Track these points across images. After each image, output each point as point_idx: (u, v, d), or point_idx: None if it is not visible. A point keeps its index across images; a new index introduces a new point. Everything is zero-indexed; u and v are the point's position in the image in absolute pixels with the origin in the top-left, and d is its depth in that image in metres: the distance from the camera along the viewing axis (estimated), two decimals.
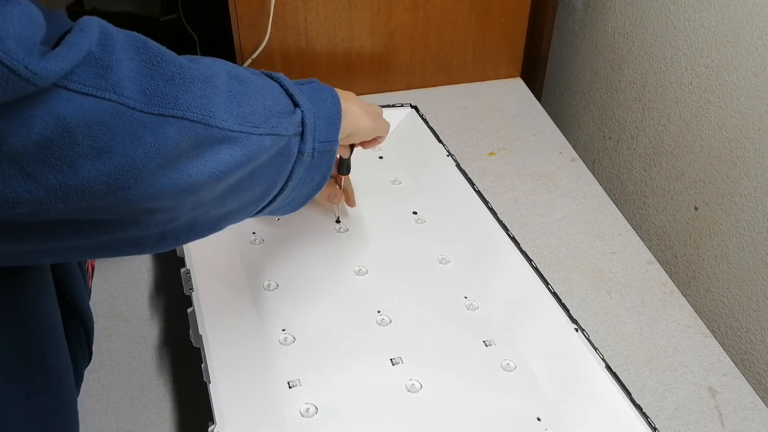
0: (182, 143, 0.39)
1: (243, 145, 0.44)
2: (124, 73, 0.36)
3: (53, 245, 0.39)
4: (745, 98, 0.81)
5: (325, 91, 0.55)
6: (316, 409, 0.59)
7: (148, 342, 0.72)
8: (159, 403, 0.66)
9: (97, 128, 0.35)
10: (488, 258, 0.75)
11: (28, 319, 0.47)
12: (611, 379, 0.60)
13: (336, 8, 1.02)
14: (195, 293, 0.66)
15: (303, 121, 0.49)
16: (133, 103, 0.36)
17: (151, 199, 0.39)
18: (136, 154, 0.37)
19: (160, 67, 0.39)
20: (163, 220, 0.42)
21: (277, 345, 0.64)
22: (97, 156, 0.35)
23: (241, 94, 0.45)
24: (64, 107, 0.33)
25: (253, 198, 0.49)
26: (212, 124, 0.41)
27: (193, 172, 0.41)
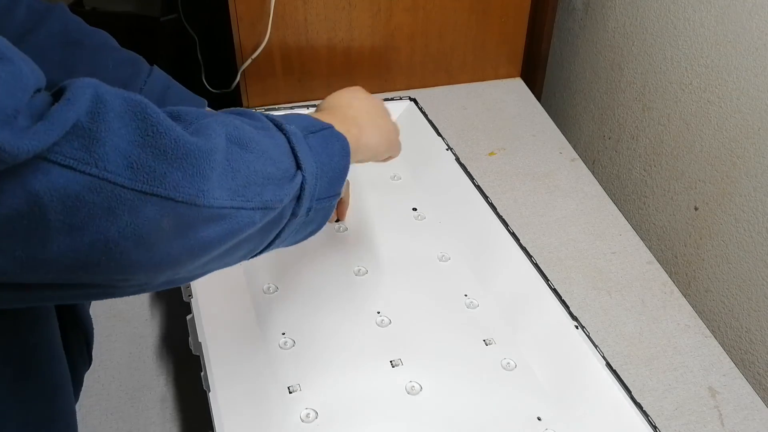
0: (163, 223, 0.37)
1: (230, 221, 0.41)
2: (112, 144, 0.34)
3: (28, 297, 0.38)
4: (745, 98, 0.81)
5: (335, 143, 0.51)
6: (316, 414, 0.59)
7: (148, 342, 0.72)
8: (159, 403, 0.66)
9: (72, 204, 0.33)
10: (488, 254, 0.74)
11: (25, 329, 0.47)
12: (612, 377, 0.60)
13: (336, 8, 1.02)
14: (194, 299, 0.66)
15: (302, 185, 0.47)
16: (115, 178, 0.34)
17: (121, 273, 0.37)
18: (109, 232, 0.35)
19: (154, 139, 0.36)
20: (137, 285, 0.40)
21: (277, 349, 0.64)
22: (68, 232, 0.33)
23: (239, 163, 0.42)
24: (38, 181, 0.32)
25: (236, 260, 0.47)
26: (199, 203, 0.39)
27: (170, 251, 0.38)
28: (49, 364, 0.50)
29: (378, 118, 0.61)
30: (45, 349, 0.49)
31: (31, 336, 0.47)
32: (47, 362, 0.49)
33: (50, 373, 0.50)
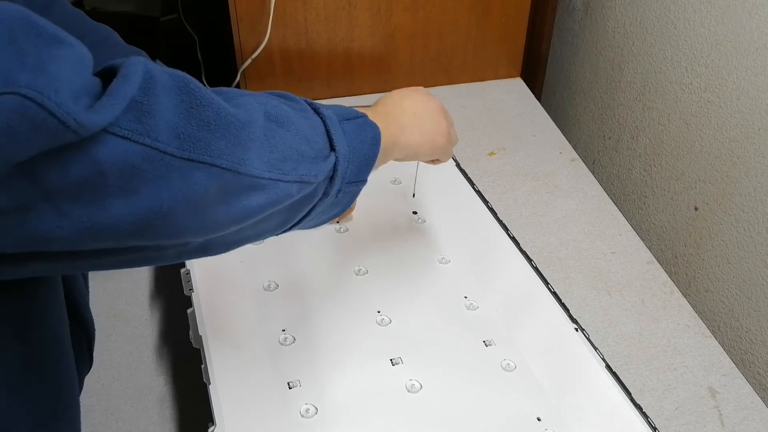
0: (210, 189, 0.40)
1: (269, 191, 0.44)
2: (161, 116, 0.37)
3: (78, 265, 0.40)
4: (745, 98, 0.81)
5: (368, 132, 0.53)
6: (316, 410, 0.59)
7: (148, 342, 0.72)
8: (159, 403, 0.66)
9: (128, 171, 0.36)
10: (488, 258, 0.75)
11: (37, 328, 0.48)
12: (611, 378, 0.60)
13: (336, 8, 1.02)
14: (195, 294, 0.66)
15: (335, 166, 0.49)
16: (165, 147, 0.37)
17: (174, 237, 0.40)
18: (162, 197, 0.37)
19: (198, 111, 0.39)
20: (180, 249, 0.43)
21: (278, 345, 0.64)
22: (125, 196, 0.36)
23: (276, 138, 0.44)
24: (100, 151, 0.34)
25: (268, 229, 0.49)
26: (242, 171, 0.41)
27: (217, 216, 0.41)
28: (58, 362, 0.50)
29: (426, 119, 0.62)
30: (54, 348, 0.50)
31: (42, 334, 0.48)
32: (56, 361, 0.50)
33: (58, 372, 0.50)
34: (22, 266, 0.38)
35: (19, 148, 0.32)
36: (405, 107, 0.61)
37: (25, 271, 0.39)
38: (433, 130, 0.62)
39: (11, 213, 0.34)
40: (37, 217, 0.34)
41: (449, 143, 0.65)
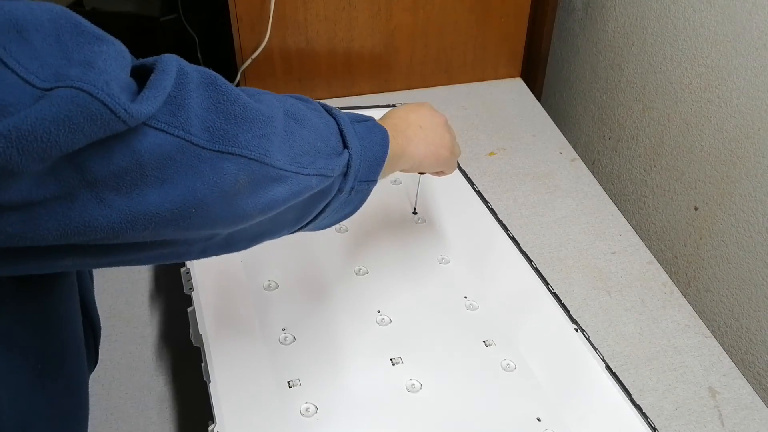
0: (239, 179, 0.42)
1: (292, 183, 0.46)
2: (192, 110, 0.39)
3: (113, 259, 0.41)
4: (745, 98, 0.81)
5: (377, 133, 0.56)
6: (316, 409, 0.59)
7: (148, 342, 0.72)
8: (159, 403, 0.66)
9: (166, 161, 0.38)
10: (488, 258, 0.75)
11: (55, 328, 0.49)
12: (611, 379, 0.60)
13: (336, 8, 1.02)
14: (195, 293, 0.66)
15: (349, 163, 0.51)
16: (196, 140, 0.39)
17: (207, 227, 0.42)
18: (195, 186, 0.39)
19: (225, 105, 0.41)
20: (207, 239, 0.45)
21: (277, 344, 0.64)
22: (161, 186, 0.38)
23: (295, 134, 0.47)
24: (139, 142, 0.36)
25: (286, 223, 0.51)
26: (267, 162, 0.44)
27: (245, 205, 0.43)
28: (73, 360, 0.51)
29: (431, 133, 0.64)
30: (69, 346, 0.51)
31: (59, 333, 0.49)
32: (71, 359, 0.51)
33: (72, 370, 0.51)
34: (60, 260, 0.39)
35: (74, 138, 0.33)
36: (411, 121, 0.63)
37: (61, 265, 0.40)
38: (437, 143, 0.64)
39: (57, 202, 0.35)
40: (81, 207, 0.36)
41: (453, 156, 0.67)
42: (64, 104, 0.32)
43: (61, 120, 0.32)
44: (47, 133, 0.32)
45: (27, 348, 0.47)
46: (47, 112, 0.32)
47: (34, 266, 0.39)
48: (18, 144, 0.31)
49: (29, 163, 0.32)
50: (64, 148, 0.33)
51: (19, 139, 0.31)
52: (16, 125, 0.31)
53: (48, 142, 0.32)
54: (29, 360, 0.47)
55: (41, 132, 0.32)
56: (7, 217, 0.34)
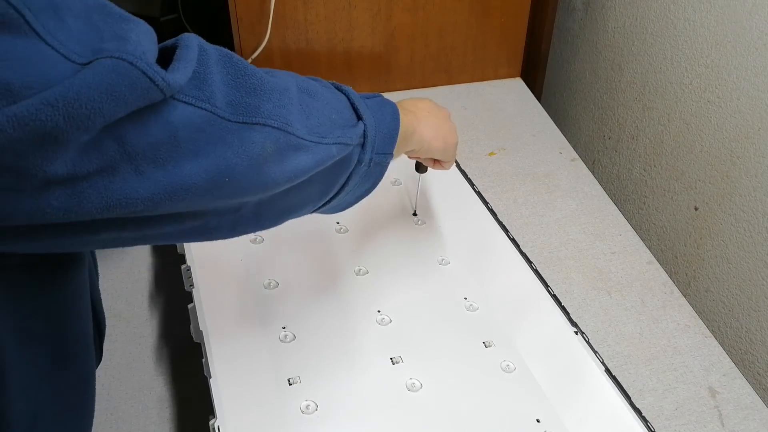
0: (266, 147, 0.44)
1: (313, 152, 0.47)
2: (215, 85, 0.41)
3: (149, 232, 0.42)
4: (745, 98, 0.81)
5: (387, 107, 0.58)
6: (316, 406, 0.59)
7: (148, 342, 0.72)
8: (159, 403, 0.66)
9: (197, 133, 0.39)
10: (488, 259, 0.75)
11: (67, 322, 0.50)
12: (610, 382, 0.60)
13: (336, 8, 1.02)
14: (196, 290, 0.66)
15: (365, 133, 0.53)
16: (222, 113, 0.41)
17: (239, 195, 0.43)
18: (227, 155, 0.41)
19: (244, 79, 0.43)
20: (236, 208, 0.46)
21: (278, 342, 0.64)
22: (195, 157, 0.40)
23: (311, 107, 0.49)
24: (172, 115, 0.38)
25: (313, 195, 0.52)
26: (289, 131, 0.45)
27: (273, 173, 0.45)
28: (82, 354, 0.52)
29: (437, 119, 0.66)
30: (80, 341, 0.51)
31: (71, 327, 0.50)
32: (80, 353, 0.52)
33: (80, 364, 0.52)
34: (97, 234, 0.40)
35: (116, 106, 0.34)
36: (419, 105, 0.65)
37: (97, 240, 0.41)
38: (444, 128, 0.66)
39: (99, 176, 0.36)
40: (122, 180, 0.37)
41: (454, 144, 0.68)
42: (106, 73, 0.34)
43: (103, 88, 0.33)
44: (91, 101, 0.33)
45: (40, 340, 0.48)
46: (91, 81, 0.33)
47: (72, 241, 0.40)
48: (64, 112, 0.32)
49: (74, 132, 0.33)
50: (106, 117, 0.34)
51: (66, 107, 0.32)
52: (62, 94, 0.32)
53: (92, 109, 0.33)
54: (41, 352, 0.48)
55: (86, 100, 0.33)
56: (53, 192, 0.35)
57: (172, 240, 0.46)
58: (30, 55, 0.32)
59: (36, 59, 0.32)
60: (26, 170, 0.33)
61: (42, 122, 0.32)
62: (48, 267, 0.47)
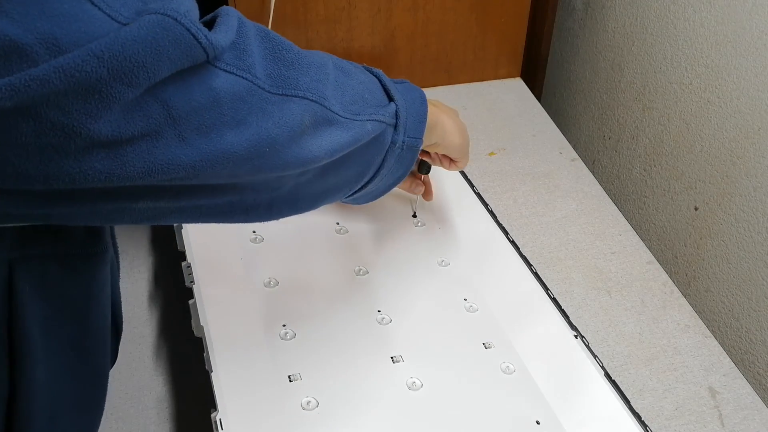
0: (305, 119, 0.44)
1: (349, 128, 0.48)
2: (255, 57, 0.41)
3: (184, 204, 0.43)
4: (745, 98, 0.81)
5: (416, 92, 0.58)
6: (317, 403, 0.59)
7: (148, 341, 0.72)
8: (159, 402, 0.66)
9: (239, 102, 0.40)
10: (488, 261, 0.75)
11: (91, 313, 0.50)
12: (609, 386, 0.60)
13: (336, 8, 1.02)
14: (196, 286, 0.66)
15: (397, 113, 0.54)
16: (262, 84, 0.41)
17: (279, 168, 0.43)
18: (267, 125, 0.41)
19: (282, 53, 0.44)
20: (274, 186, 0.46)
21: (278, 340, 0.64)
22: (236, 126, 0.40)
23: (345, 84, 0.49)
24: (215, 81, 0.38)
25: (350, 178, 0.53)
26: (326, 106, 0.46)
27: (311, 147, 0.45)
28: (100, 349, 0.52)
29: (457, 118, 0.67)
30: (100, 335, 0.52)
31: (94, 319, 0.50)
32: (99, 348, 0.52)
33: (98, 359, 0.52)
34: (136, 202, 0.40)
35: (160, 64, 0.35)
36: (439, 105, 0.66)
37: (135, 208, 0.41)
38: (460, 124, 0.67)
39: (143, 140, 0.36)
40: (164, 145, 0.37)
41: (468, 145, 0.69)
42: (150, 27, 0.34)
43: (148, 42, 0.34)
44: (135, 54, 0.33)
45: (63, 333, 0.48)
46: (136, 34, 0.33)
47: (111, 208, 0.40)
48: (109, 64, 0.32)
49: (118, 87, 0.33)
50: (150, 73, 0.34)
51: (111, 60, 0.32)
52: (108, 46, 0.32)
53: (136, 63, 0.33)
54: (63, 345, 0.48)
55: (130, 53, 0.33)
56: (97, 154, 0.35)
57: (208, 217, 0.46)
58: (76, 12, 0.32)
59: (82, 17, 0.32)
60: (71, 128, 0.33)
61: (87, 74, 0.32)
62: (78, 258, 0.47)
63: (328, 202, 0.54)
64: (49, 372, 0.47)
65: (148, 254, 0.82)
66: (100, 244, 0.49)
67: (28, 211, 0.37)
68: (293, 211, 0.50)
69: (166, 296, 0.77)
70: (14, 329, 0.45)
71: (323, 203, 0.53)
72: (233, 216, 0.46)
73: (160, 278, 0.79)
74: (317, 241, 0.76)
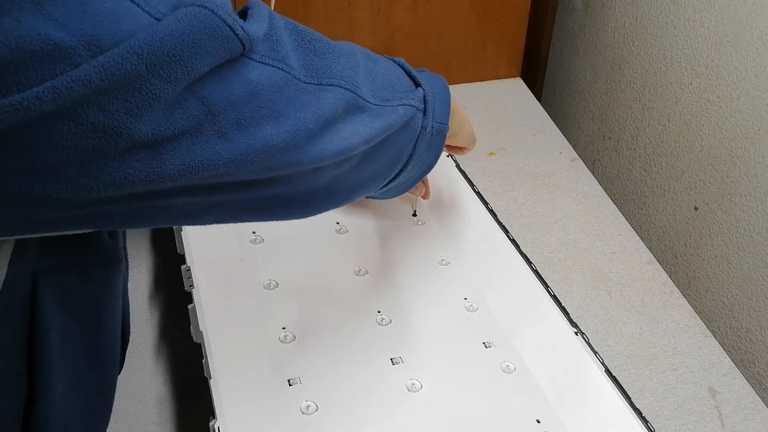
0: (338, 108, 0.44)
1: (381, 115, 0.48)
2: (287, 48, 0.41)
3: (221, 198, 0.42)
4: (745, 98, 0.81)
5: (438, 79, 0.58)
6: (316, 407, 0.59)
7: (148, 342, 0.72)
8: (159, 403, 0.66)
9: (276, 94, 0.39)
10: (488, 260, 0.75)
11: (105, 322, 0.50)
12: (610, 382, 0.60)
13: (336, 8, 1.02)
14: (195, 290, 0.66)
15: (425, 98, 0.54)
16: (297, 74, 0.41)
17: (315, 159, 0.43)
18: (305, 116, 0.41)
19: (312, 44, 0.44)
20: (311, 179, 0.46)
21: (278, 343, 0.64)
22: (275, 118, 0.39)
23: (374, 72, 0.50)
24: (251, 74, 0.38)
25: (384, 166, 0.53)
26: (359, 94, 0.46)
27: (346, 135, 0.45)
28: (109, 360, 0.52)
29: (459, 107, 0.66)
30: (110, 344, 0.52)
31: (105, 331, 0.50)
32: (108, 359, 0.52)
33: (107, 370, 0.52)
34: (172, 198, 0.39)
35: (198, 57, 0.34)
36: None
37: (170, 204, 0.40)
38: (464, 112, 0.67)
39: (183, 138, 0.36)
40: (204, 142, 0.36)
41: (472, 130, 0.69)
42: (187, 20, 0.33)
43: (186, 35, 0.33)
44: (173, 48, 0.33)
45: (79, 342, 0.48)
46: (174, 28, 0.33)
47: (146, 205, 0.39)
48: (147, 59, 0.32)
49: (157, 83, 0.33)
50: (188, 67, 0.34)
51: (149, 55, 0.32)
52: (146, 41, 0.32)
53: (174, 57, 0.33)
54: (79, 355, 0.48)
55: (168, 47, 0.33)
56: (137, 154, 0.34)
57: (246, 213, 0.45)
58: (117, 11, 0.32)
59: (123, 15, 0.32)
60: (112, 128, 0.33)
61: (127, 71, 0.32)
62: (96, 268, 0.47)
63: (364, 194, 0.53)
64: (64, 383, 0.47)
65: (149, 254, 0.82)
66: (116, 254, 0.49)
67: (64, 215, 0.36)
68: (331, 205, 0.50)
69: (166, 297, 0.77)
70: (35, 340, 0.44)
71: (359, 196, 0.53)
72: (272, 211, 0.46)
73: (161, 278, 0.79)
74: (317, 241, 0.76)
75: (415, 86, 0.54)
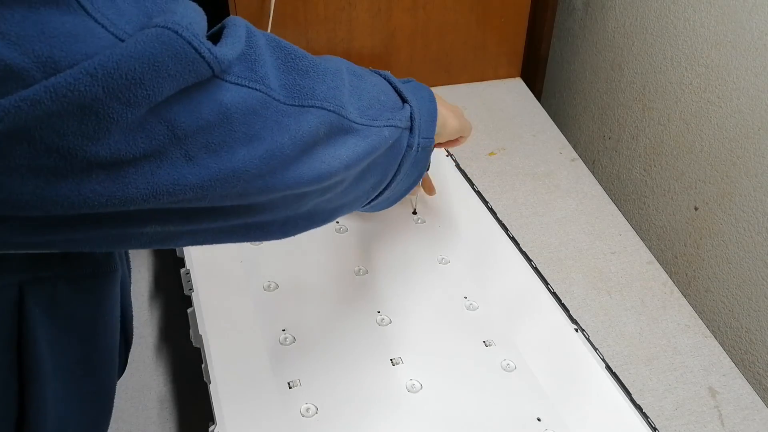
0: (320, 131, 0.42)
1: (366, 137, 0.46)
2: (267, 67, 0.39)
3: (194, 227, 0.40)
4: (745, 98, 0.81)
5: (424, 90, 0.57)
6: (316, 409, 0.59)
7: (148, 342, 0.72)
8: (159, 403, 0.66)
9: (251, 116, 0.38)
10: (488, 259, 0.74)
11: (99, 333, 0.49)
12: (611, 379, 0.60)
13: (336, 8, 1.02)
14: (195, 294, 0.66)
15: (412, 116, 0.52)
16: (276, 95, 0.39)
17: (292, 185, 0.41)
18: (282, 140, 0.39)
19: (295, 62, 0.42)
20: (293, 207, 0.44)
21: (278, 345, 0.64)
22: (249, 142, 0.38)
23: (360, 89, 0.48)
24: (225, 96, 0.36)
25: (367, 189, 0.51)
26: (343, 114, 0.44)
27: (327, 159, 0.43)
28: (107, 367, 0.52)
29: (445, 101, 0.65)
30: (108, 353, 0.51)
31: (102, 339, 0.50)
32: (107, 366, 0.51)
33: (105, 376, 0.52)
34: (142, 227, 0.38)
35: (160, 80, 0.33)
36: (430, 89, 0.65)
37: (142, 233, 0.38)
38: (449, 106, 0.66)
39: (146, 161, 0.34)
40: (169, 165, 0.35)
41: (464, 115, 0.68)
42: (148, 41, 0.32)
43: (146, 57, 0.32)
44: (131, 71, 0.31)
45: (72, 352, 0.47)
46: (132, 50, 0.31)
47: (115, 233, 0.38)
48: (103, 82, 0.31)
49: (115, 106, 0.31)
50: (149, 90, 0.32)
51: (105, 77, 0.31)
52: (102, 63, 0.31)
53: (132, 80, 0.31)
54: (72, 365, 0.47)
55: (126, 69, 0.31)
56: (97, 176, 0.33)
57: (223, 238, 0.44)
58: (78, 32, 0.31)
59: (84, 36, 0.31)
60: (67, 150, 0.31)
61: (81, 93, 0.30)
62: (88, 279, 0.47)
63: (346, 214, 0.52)
64: (57, 392, 0.47)
65: (149, 258, 0.82)
66: (110, 264, 0.48)
67: (27, 240, 0.35)
68: (310, 227, 0.49)
69: (166, 300, 0.77)
70: (24, 351, 0.44)
71: (341, 215, 0.51)
72: (249, 234, 0.44)
73: (161, 279, 0.79)
74: (317, 240, 0.76)
75: (402, 102, 0.53)
